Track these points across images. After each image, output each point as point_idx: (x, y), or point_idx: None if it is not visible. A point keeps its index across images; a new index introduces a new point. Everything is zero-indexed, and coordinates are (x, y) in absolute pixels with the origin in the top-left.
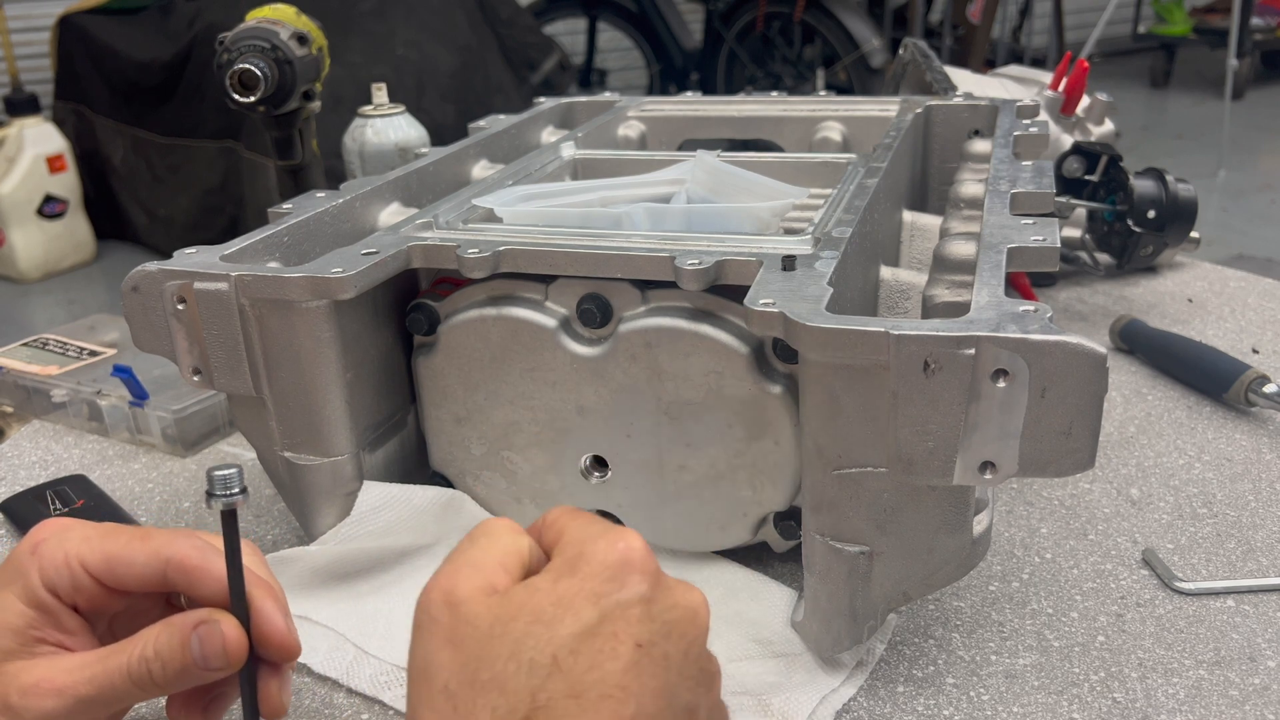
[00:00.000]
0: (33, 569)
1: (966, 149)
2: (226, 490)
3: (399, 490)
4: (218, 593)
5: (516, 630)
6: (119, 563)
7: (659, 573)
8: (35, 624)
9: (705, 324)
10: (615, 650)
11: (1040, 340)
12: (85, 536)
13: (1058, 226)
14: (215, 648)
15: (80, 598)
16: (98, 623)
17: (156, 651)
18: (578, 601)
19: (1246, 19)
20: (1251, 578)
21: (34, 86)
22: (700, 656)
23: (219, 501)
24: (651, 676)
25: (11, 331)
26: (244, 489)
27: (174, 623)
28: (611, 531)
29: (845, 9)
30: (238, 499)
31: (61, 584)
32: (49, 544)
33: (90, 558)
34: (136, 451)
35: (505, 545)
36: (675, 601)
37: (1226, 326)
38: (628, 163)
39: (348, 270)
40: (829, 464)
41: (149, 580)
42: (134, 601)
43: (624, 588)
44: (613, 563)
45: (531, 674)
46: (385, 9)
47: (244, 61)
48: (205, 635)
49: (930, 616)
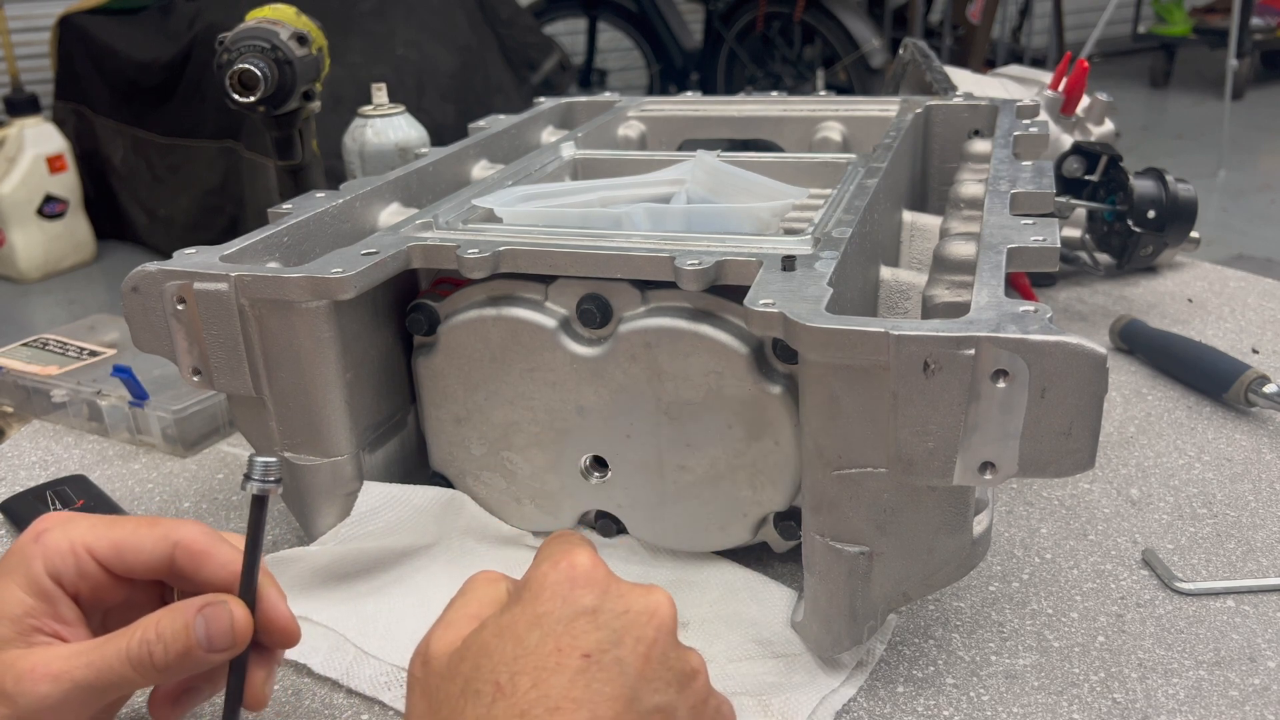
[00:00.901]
0: (36, 557)
1: (966, 149)
2: (265, 476)
3: (399, 490)
4: (221, 577)
5: (466, 667)
6: (127, 548)
7: (609, 581)
8: (34, 613)
9: (705, 324)
10: (560, 664)
11: (1040, 340)
12: (91, 525)
13: (1058, 226)
14: (222, 628)
15: (84, 585)
16: (93, 617)
17: (159, 634)
18: (519, 626)
19: (1246, 19)
20: (1251, 578)
21: (34, 86)
22: (666, 656)
23: (254, 485)
24: (605, 683)
25: (11, 331)
26: (279, 480)
27: (177, 607)
28: (559, 552)
29: (845, 9)
30: (271, 486)
31: (66, 571)
32: (53, 533)
33: (97, 544)
34: (136, 452)
35: (480, 596)
36: (627, 607)
37: (1226, 326)
38: (628, 163)
39: (348, 270)
40: (829, 464)
41: (156, 565)
42: (131, 595)
43: (567, 604)
44: (556, 582)
45: (477, 703)
46: (385, 9)
47: (244, 61)
48: (212, 616)
49: (930, 616)
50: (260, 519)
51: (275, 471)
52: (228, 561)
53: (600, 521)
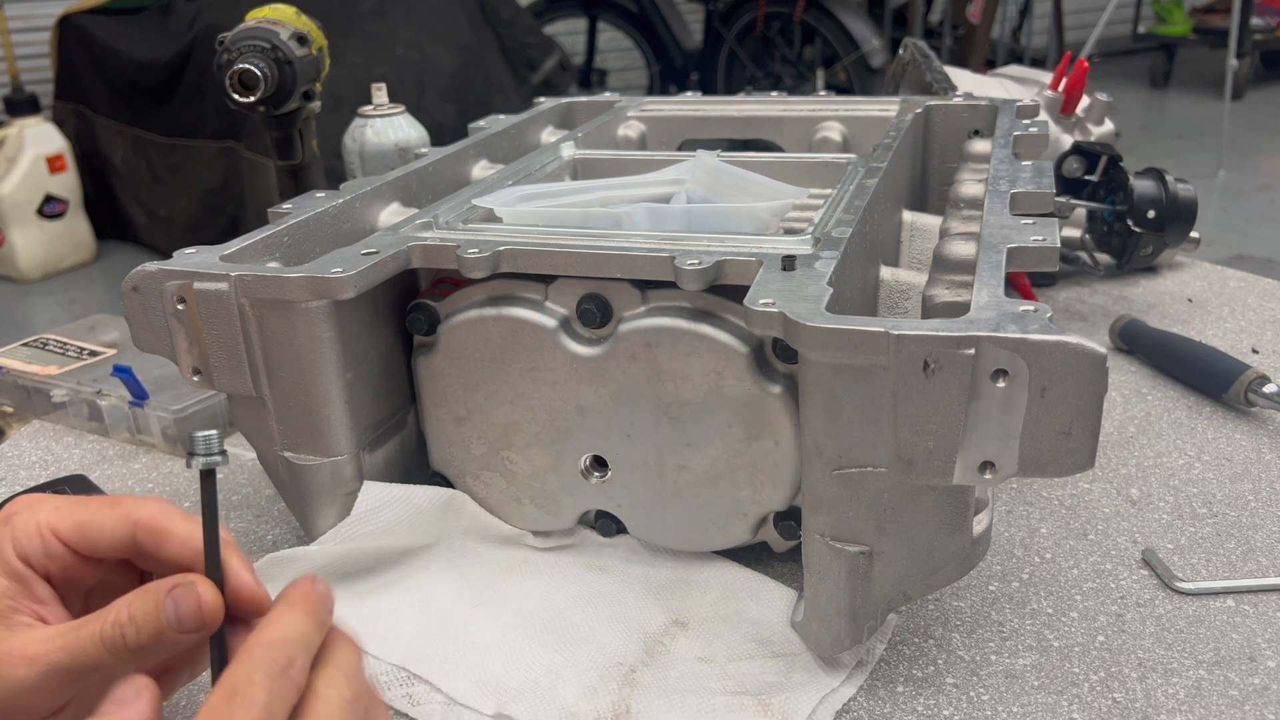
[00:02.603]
0: (5, 540)
1: (966, 149)
2: (208, 451)
3: (399, 490)
4: (183, 554)
5: None
6: (90, 528)
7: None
8: (9, 594)
9: (705, 324)
10: None
11: (1040, 340)
12: (56, 506)
13: (1058, 226)
14: (191, 609)
15: (53, 566)
16: (72, 598)
17: (131, 616)
18: None
19: (1246, 19)
20: (1251, 578)
21: (34, 86)
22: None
23: (199, 461)
24: None
25: (11, 331)
26: (224, 452)
27: (148, 588)
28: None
29: (845, 9)
30: (217, 460)
31: (34, 552)
32: (21, 516)
33: (61, 525)
34: (136, 451)
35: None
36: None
37: (1226, 326)
38: (628, 163)
39: (347, 270)
40: (829, 464)
41: (119, 544)
42: (107, 576)
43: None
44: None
45: None
46: (385, 9)
47: (244, 61)
48: (180, 597)
49: (930, 616)
50: (212, 493)
51: (218, 444)
52: (187, 538)
53: (600, 521)
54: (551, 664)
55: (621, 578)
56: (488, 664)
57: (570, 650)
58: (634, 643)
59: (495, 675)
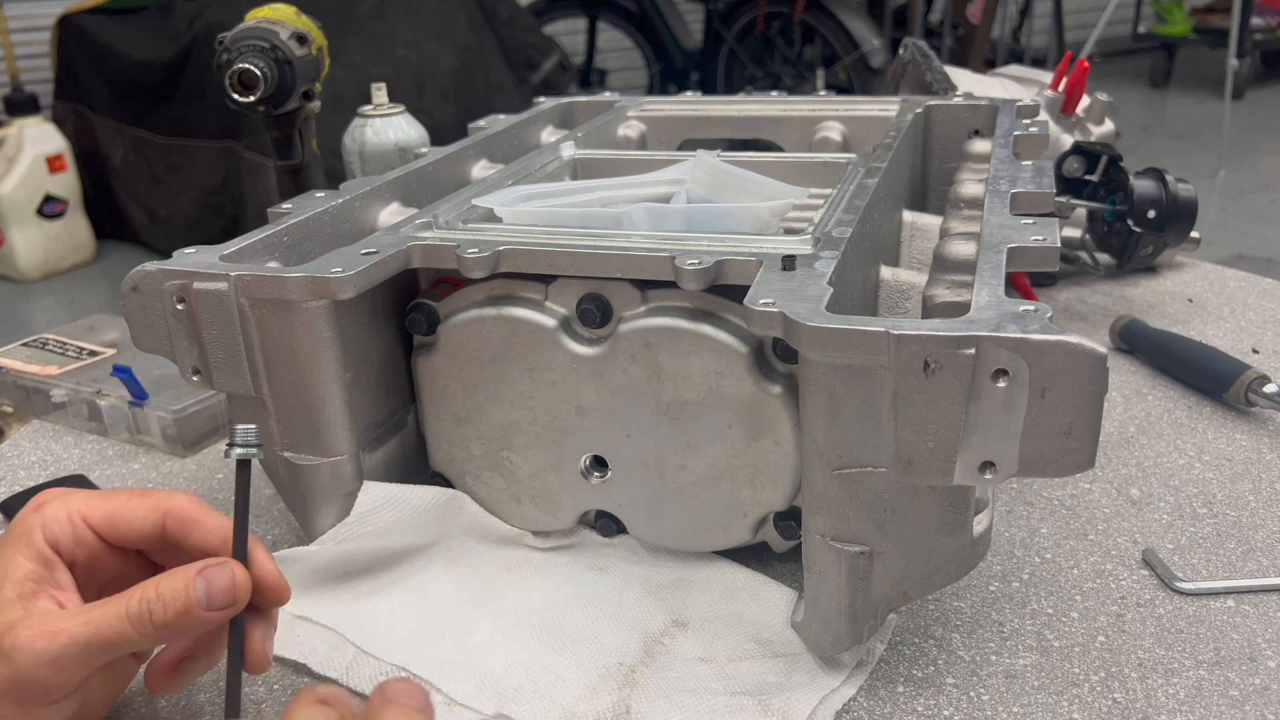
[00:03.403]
0: (36, 525)
1: (966, 149)
2: (245, 442)
3: (399, 490)
4: (210, 543)
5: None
6: (120, 517)
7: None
8: (34, 577)
9: (705, 324)
10: None
11: (1040, 340)
12: (86, 496)
13: (1058, 226)
14: (223, 585)
15: (80, 552)
16: (89, 590)
17: (159, 593)
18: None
19: (1246, 19)
20: (1251, 578)
21: (34, 86)
22: None
23: (237, 450)
24: None
25: (11, 331)
26: (260, 445)
27: (177, 571)
28: None
29: (845, 9)
30: (254, 451)
31: (64, 539)
32: (52, 504)
33: (92, 513)
34: (136, 451)
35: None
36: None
37: (1226, 326)
38: (628, 163)
39: (347, 270)
40: (829, 464)
41: (148, 533)
42: (125, 570)
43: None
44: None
45: None
46: (385, 9)
47: (244, 61)
48: (213, 575)
49: (930, 616)
50: (246, 482)
51: (255, 437)
52: (215, 528)
53: (600, 521)
54: (551, 664)
55: (621, 578)
56: (488, 664)
57: (570, 650)
58: (634, 643)
59: (495, 675)
